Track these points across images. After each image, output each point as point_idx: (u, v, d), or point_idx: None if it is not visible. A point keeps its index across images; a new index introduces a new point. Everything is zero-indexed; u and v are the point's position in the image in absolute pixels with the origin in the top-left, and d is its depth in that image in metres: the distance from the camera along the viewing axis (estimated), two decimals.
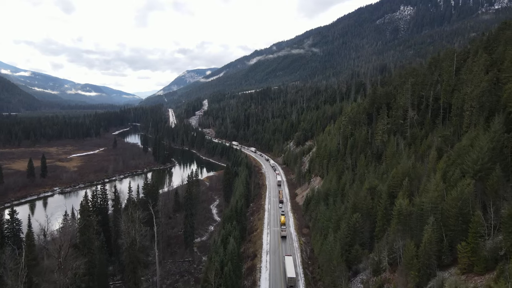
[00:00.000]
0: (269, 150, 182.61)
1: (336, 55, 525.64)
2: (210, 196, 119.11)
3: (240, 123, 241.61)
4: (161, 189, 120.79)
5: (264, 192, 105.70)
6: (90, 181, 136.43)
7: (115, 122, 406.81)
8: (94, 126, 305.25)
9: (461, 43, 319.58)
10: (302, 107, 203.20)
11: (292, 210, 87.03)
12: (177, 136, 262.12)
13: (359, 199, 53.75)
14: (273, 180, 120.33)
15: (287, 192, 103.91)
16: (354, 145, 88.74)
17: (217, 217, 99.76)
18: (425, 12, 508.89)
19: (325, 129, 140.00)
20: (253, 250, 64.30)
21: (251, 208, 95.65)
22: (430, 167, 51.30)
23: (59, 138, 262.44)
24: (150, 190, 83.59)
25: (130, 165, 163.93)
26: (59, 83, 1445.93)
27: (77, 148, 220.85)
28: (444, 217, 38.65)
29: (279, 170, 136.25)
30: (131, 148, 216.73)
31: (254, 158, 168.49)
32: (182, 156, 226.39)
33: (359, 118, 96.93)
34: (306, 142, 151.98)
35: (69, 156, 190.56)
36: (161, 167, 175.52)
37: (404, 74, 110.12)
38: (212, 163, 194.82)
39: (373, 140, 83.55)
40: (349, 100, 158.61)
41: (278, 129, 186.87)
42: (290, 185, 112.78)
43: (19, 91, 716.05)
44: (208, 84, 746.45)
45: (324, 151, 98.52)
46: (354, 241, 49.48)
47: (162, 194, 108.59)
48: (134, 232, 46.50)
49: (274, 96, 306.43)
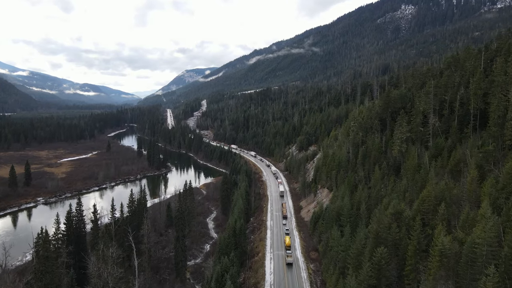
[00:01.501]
0: (269, 155, 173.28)
1: (336, 54, 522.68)
2: (206, 207, 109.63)
3: (239, 125, 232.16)
4: (153, 200, 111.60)
5: (266, 205, 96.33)
6: (78, 190, 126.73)
7: (111, 123, 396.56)
8: (89, 128, 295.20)
9: (465, 42, 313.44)
10: (304, 109, 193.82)
11: (298, 228, 77.64)
12: (174, 138, 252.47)
13: (383, 227, 44.37)
14: (275, 189, 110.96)
15: (291, 205, 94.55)
16: (366, 155, 79.43)
17: (213, 233, 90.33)
18: (427, 11, 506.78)
19: (330, 133, 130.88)
20: (254, 281, 54.89)
21: (251, 224, 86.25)
22: (471, 189, 42.01)
23: (51, 140, 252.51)
24: (136, 209, 74.10)
25: (122, 171, 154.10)
26: (57, 82, 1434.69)
27: (69, 152, 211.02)
28: (507, 267, 29.35)
29: (281, 178, 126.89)
30: (125, 152, 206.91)
31: (254, 164, 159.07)
32: (179, 160, 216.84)
33: (371, 124, 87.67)
34: (310, 147, 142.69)
35: (60, 161, 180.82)
36: (155, 172, 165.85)
37: (418, 75, 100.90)
38: (209, 168, 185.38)
39: (389, 149, 74.19)
40: (355, 103, 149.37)
41: (279, 132, 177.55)
42: (294, 196, 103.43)
43: (16, 91, 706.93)
44: (207, 84, 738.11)
45: (332, 160, 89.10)
46: (380, 283, 40.11)
47: (153, 206, 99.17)
48: (107, 275, 37.19)
49: (275, 97, 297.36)
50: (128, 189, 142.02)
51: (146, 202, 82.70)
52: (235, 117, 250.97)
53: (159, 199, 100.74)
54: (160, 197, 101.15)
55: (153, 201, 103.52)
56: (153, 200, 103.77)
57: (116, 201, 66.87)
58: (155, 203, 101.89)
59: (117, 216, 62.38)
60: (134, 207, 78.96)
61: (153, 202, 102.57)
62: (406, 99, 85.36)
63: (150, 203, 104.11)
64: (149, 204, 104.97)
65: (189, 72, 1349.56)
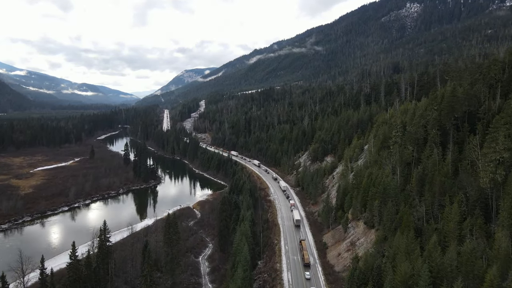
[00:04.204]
0: (275, 164, 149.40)
1: (339, 53, 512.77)
2: (199, 238, 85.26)
3: (240, 129, 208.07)
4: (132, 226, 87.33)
5: (278, 240, 72.40)
6: (41, 212, 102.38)
7: (103, 124, 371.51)
8: (75, 131, 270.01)
9: (478, 40, 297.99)
10: (314, 111, 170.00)
11: (328, 285, 53.70)
12: (167, 143, 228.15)
13: None
14: (287, 215, 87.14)
15: (312, 242, 70.57)
16: (425, 180, 55.72)
17: (207, 282, 66.11)
18: (433, 9, 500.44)
19: (352, 142, 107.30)
20: None
21: (260, 275, 62.04)
22: None
23: (32, 144, 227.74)
24: (98, 256, 50.14)
25: (102, 184, 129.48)
26: (55, 82, 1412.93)
27: (48, 159, 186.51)
28: None
29: (293, 197, 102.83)
30: (111, 159, 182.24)
31: (258, 176, 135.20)
32: (172, 168, 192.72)
33: (424, 134, 63.85)
34: (326, 158, 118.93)
35: (33, 170, 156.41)
36: (142, 185, 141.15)
37: (476, 69, 77.52)
38: (206, 179, 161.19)
39: (464, 173, 50.33)
40: (378, 104, 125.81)
41: (286, 137, 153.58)
42: (314, 226, 79.53)
43: (9, 90, 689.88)
44: (206, 84, 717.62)
45: (370, 183, 65.17)
46: None
47: (125, 243, 74.83)
48: None
49: (278, 97, 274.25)
50: (108, 208, 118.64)
51: (111, 249, 58.39)
52: (235, 119, 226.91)
53: (130, 230, 76.34)
54: (131, 229, 76.61)
55: (133, 226, 78.97)
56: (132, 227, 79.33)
57: (79, 231, 43.04)
58: (133, 234, 77.57)
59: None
60: (93, 253, 55.21)
61: (132, 228, 78.07)
62: (475, 101, 61.74)
63: (125, 233, 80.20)
64: (121, 235, 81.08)
65: (188, 72, 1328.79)
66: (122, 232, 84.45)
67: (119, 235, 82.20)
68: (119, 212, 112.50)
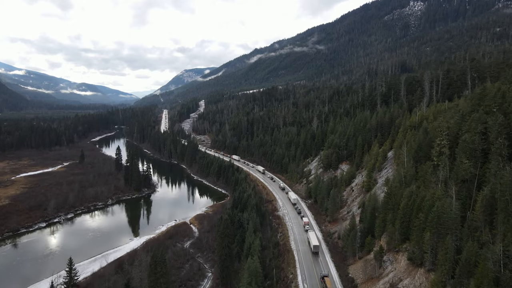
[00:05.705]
0: (282, 171, 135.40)
1: (342, 52, 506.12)
2: (197, 266, 70.86)
3: (242, 131, 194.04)
4: (116, 248, 73.40)
5: (293, 273, 58.33)
6: (13, 230, 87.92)
7: (98, 125, 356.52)
8: (67, 132, 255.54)
9: (488, 37, 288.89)
10: (323, 112, 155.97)
11: None
12: (164, 146, 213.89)
13: None
14: (300, 237, 72.98)
15: (337, 278, 56.37)
16: (495, 206, 41.76)
17: None
18: (437, 7, 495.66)
19: (371, 148, 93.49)
20: None
21: None
22: None
23: (19, 147, 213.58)
24: None
25: (87, 194, 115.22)
26: (54, 82, 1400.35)
27: (34, 163, 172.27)
28: None
29: (306, 213, 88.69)
30: (102, 164, 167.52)
31: (264, 185, 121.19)
32: (169, 173, 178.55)
33: (487, 144, 49.80)
34: (340, 165, 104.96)
35: (15, 177, 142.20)
36: (133, 195, 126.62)
37: None
38: (205, 187, 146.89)
39: None
40: (399, 104, 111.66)
41: (293, 141, 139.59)
42: (335, 253, 65.38)
43: (5, 90, 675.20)
44: (206, 84, 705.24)
45: (412, 205, 51.13)
46: None
47: (103, 273, 60.63)
48: None
49: (281, 97, 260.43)
50: (93, 223, 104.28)
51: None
52: (236, 121, 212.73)
53: (110, 257, 62.15)
54: (105, 259, 62.42)
55: (118, 248, 64.84)
56: (117, 249, 65.19)
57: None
58: (115, 261, 63.44)
59: None
60: None
61: (117, 250, 63.99)
62: None
63: (108, 257, 66.13)
64: (100, 263, 66.89)
65: (188, 72, 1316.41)
66: (104, 257, 70.50)
67: (98, 262, 68.15)
68: (104, 228, 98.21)
